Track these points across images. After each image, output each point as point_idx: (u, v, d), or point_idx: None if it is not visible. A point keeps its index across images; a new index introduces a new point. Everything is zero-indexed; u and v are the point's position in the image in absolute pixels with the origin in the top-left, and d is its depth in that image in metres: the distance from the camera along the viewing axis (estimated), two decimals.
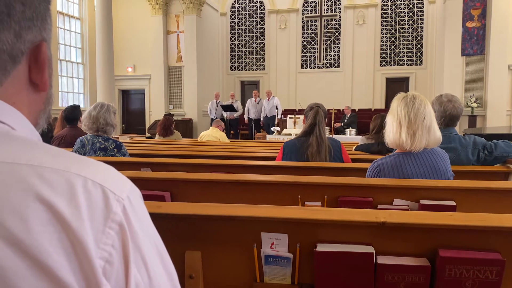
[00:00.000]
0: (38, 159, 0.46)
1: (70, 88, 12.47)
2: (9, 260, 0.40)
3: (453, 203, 1.73)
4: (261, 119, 11.12)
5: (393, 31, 13.64)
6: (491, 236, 1.09)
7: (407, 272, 1.09)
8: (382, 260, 1.10)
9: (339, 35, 14.06)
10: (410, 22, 13.46)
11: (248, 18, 14.84)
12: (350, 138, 8.35)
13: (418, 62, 13.49)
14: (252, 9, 14.78)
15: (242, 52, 15.00)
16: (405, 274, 1.09)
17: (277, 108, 10.65)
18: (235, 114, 11.20)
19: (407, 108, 1.88)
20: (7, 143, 0.47)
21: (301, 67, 14.49)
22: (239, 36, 14.97)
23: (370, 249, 1.11)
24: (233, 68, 15.12)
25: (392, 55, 13.72)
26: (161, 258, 0.53)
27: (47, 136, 4.41)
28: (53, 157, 0.47)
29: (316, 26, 14.21)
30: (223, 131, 6.32)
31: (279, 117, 10.66)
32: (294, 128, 8.85)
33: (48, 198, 0.43)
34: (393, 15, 13.61)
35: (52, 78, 0.60)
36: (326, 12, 14.04)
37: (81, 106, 12.34)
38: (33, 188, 0.43)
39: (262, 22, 14.74)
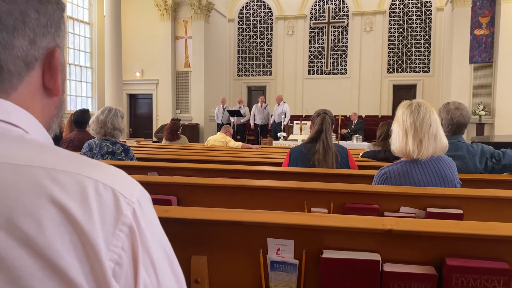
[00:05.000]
0: (51, 162, 0.47)
1: (79, 92, 12.57)
2: (22, 260, 0.41)
3: (460, 211, 1.72)
4: (270, 123, 11.06)
5: (400, 38, 13.63)
6: (499, 245, 1.08)
7: (414, 280, 1.08)
8: (388, 267, 1.10)
9: (347, 41, 14.07)
10: (418, 29, 13.43)
11: (256, 24, 14.90)
12: (357, 144, 8.32)
13: (426, 69, 13.44)
14: (260, 15, 14.85)
15: (249, 57, 15.05)
16: (412, 282, 1.08)
17: (285, 115, 10.60)
18: (242, 120, 11.20)
19: (412, 116, 1.88)
20: (21, 146, 0.48)
21: (308, 73, 14.50)
22: (246, 41, 15.03)
23: (376, 257, 1.10)
24: (240, 73, 15.17)
25: (400, 62, 13.69)
26: (169, 261, 0.53)
27: (57, 140, 4.44)
28: (65, 160, 0.48)
29: (323, 32, 14.23)
30: (231, 137, 6.33)
31: (285, 123, 10.63)
32: (301, 134, 8.84)
33: (60, 200, 0.44)
34: (401, 22, 13.60)
35: (65, 83, 0.61)
36: (334, 19, 14.06)
37: (89, 110, 12.46)
38: (46, 190, 0.44)
39: (269, 28, 14.79)
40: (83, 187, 0.46)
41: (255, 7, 14.85)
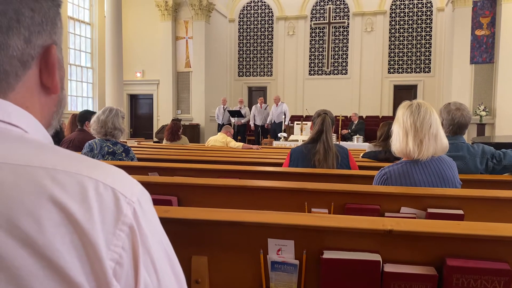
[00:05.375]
0: (51, 162, 0.47)
1: (80, 92, 12.59)
2: (23, 260, 0.41)
3: (460, 211, 1.71)
4: (267, 123, 11.05)
5: (401, 38, 13.63)
6: (499, 246, 1.08)
7: (414, 280, 1.08)
8: (389, 268, 1.10)
9: (347, 42, 14.07)
10: (419, 29, 13.43)
11: (257, 25, 14.91)
12: (357, 145, 8.32)
13: (426, 69, 13.44)
14: (260, 16, 14.85)
15: (250, 58, 15.06)
16: (412, 283, 1.08)
17: (285, 115, 10.60)
18: (243, 120, 11.20)
19: (412, 116, 1.88)
20: (21, 146, 0.48)
21: (309, 73, 14.50)
22: (247, 42, 15.03)
23: (376, 257, 1.10)
24: (240, 74, 15.18)
25: (400, 62, 13.69)
26: (169, 261, 0.53)
27: (57, 138, 4.43)
28: (66, 160, 0.48)
29: (324, 33, 14.24)
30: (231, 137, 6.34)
31: (286, 123, 10.63)
32: (301, 135, 8.84)
33: (60, 200, 0.44)
34: (402, 22, 13.60)
35: (64, 80, 0.61)
36: (335, 19, 14.07)
37: (90, 110, 12.46)
38: (47, 190, 0.44)
39: (270, 29, 14.80)
40: (84, 187, 0.46)
41: (255, 8, 14.86)
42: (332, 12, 14.05)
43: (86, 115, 4.22)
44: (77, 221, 0.44)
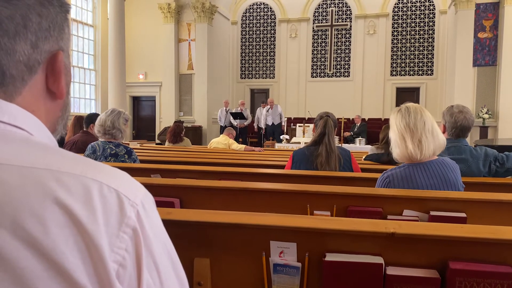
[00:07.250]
0: (56, 164, 0.47)
1: (82, 94, 12.62)
2: (27, 261, 0.41)
3: (463, 214, 1.71)
4: (262, 127, 11.00)
5: (403, 41, 13.62)
6: (502, 249, 1.08)
7: (417, 283, 1.08)
8: (391, 271, 1.09)
9: (350, 44, 14.07)
10: (421, 32, 13.42)
11: (259, 27, 14.93)
12: (360, 147, 8.32)
13: (429, 72, 13.42)
14: (263, 18, 14.88)
15: (252, 60, 15.08)
16: (414, 286, 1.08)
17: (281, 116, 10.65)
18: (245, 122, 11.20)
19: (404, 119, 1.88)
20: (26, 148, 0.48)
21: (311, 75, 14.51)
22: (249, 44, 15.05)
23: (379, 260, 1.10)
24: (243, 76, 15.19)
25: (403, 65, 13.68)
26: (172, 264, 0.54)
27: (60, 139, 4.44)
28: (70, 162, 0.49)
29: (326, 35, 14.25)
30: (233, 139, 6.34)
31: (283, 124, 10.66)
32: (303, 137, 8.84)
33: (65, 201, 0.44)
34: (404, 25, 13.59)
35: (70, 86, 0.62)
36: (337, 22, 14.08)
37: (92, 112, 12.50)
38: (51, 192, 0.44)
39: (272, 31, 14.82)
40: (88, 189, 0.46)
41: (258, 10, 14.89)
42: (335, 14, 14.06)
43: (92, 118, 4.23)
44: (81, 223, 0.44)
